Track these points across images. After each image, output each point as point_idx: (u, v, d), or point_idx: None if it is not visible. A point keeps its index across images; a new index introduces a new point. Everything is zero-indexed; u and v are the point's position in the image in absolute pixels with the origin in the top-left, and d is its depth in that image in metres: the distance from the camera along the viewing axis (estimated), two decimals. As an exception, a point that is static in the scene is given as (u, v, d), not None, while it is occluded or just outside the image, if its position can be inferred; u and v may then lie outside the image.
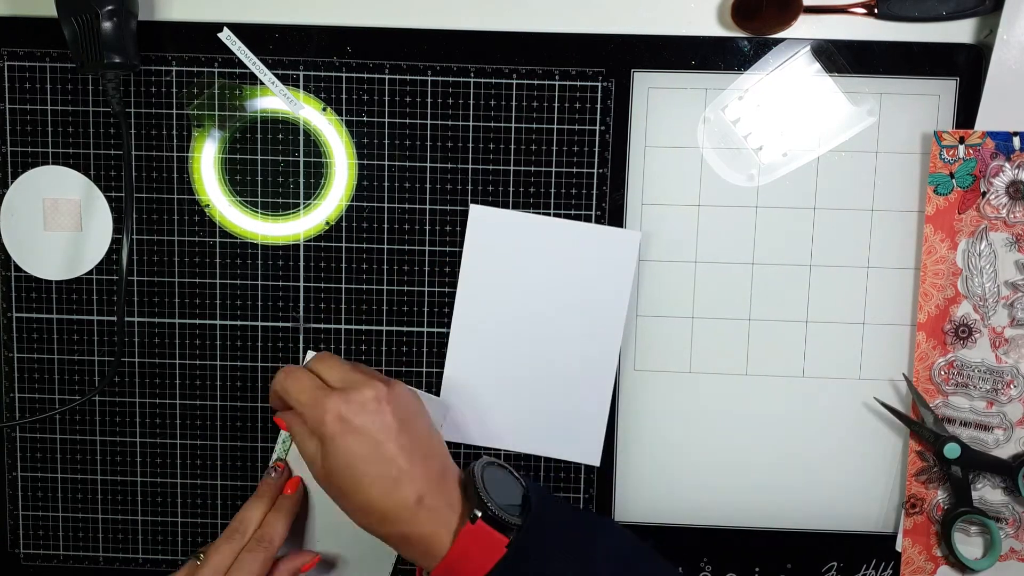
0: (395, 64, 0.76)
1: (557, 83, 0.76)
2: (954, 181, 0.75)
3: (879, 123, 0.76)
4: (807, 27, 0.75)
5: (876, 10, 0.75)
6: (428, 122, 0.77)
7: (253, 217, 0.78)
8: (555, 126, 0.77)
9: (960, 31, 0.75)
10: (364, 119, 0.77)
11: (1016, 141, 0.75)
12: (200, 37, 0.76)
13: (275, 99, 0.77)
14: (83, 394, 0.79)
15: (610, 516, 0.80)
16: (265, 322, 0.79)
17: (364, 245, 0.78)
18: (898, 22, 0.75)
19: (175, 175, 0.78)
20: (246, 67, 0.76)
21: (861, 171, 0.77)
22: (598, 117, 0.77)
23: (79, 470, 0.81)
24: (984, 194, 0.75)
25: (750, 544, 0.80)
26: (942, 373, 0.77)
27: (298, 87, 0.77)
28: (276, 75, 0.76)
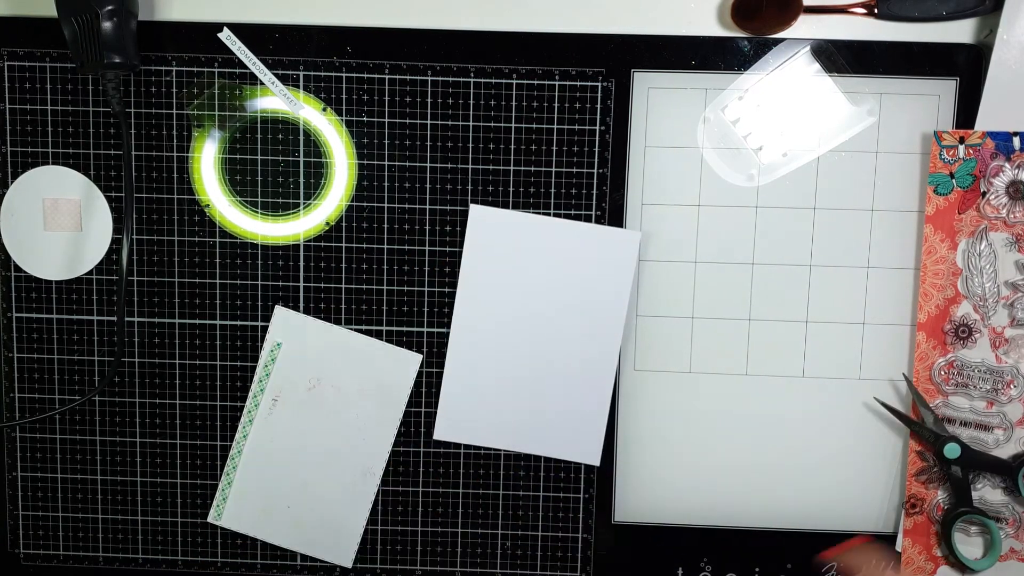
0: (395, 64, 0.76)
1: (557, 83, 0.76)
2: (954, 181, 0.75)
3: (879, 123, 0.76)
4: (807, 27, 0.75)
5: (876, 10, 0.75)
6: (428, 122, 0.77)
7: (253, 217, 0.78)
8: (555, 126, 0.77)
9: (960, 31, 0.75)
10: (364, 119, 0.77)
11: (1016, 141, 0.74)
12: (200, 37, 0.76)
13: (275, 99, 0.77)
14: (83, 394, 0.79)
15: (610, 516, 0.80)
16: (265, 322, 0.79)
17: (364, 245, 0.78)
18: (898, 22, 0.75)
19: (175, 175, 0.78)
20: (246, 67, 0.76)
21: (861, 171, 0.77)
22: (598, 117, 0.77)
23: (79, 470, 0.81)
24: (984, 194, 0.75)
25: (750, 544, 0.80)
26: (942, 373, 0.77)
27: (298, 87, 0.77)
28: (276, 75, 0.76)
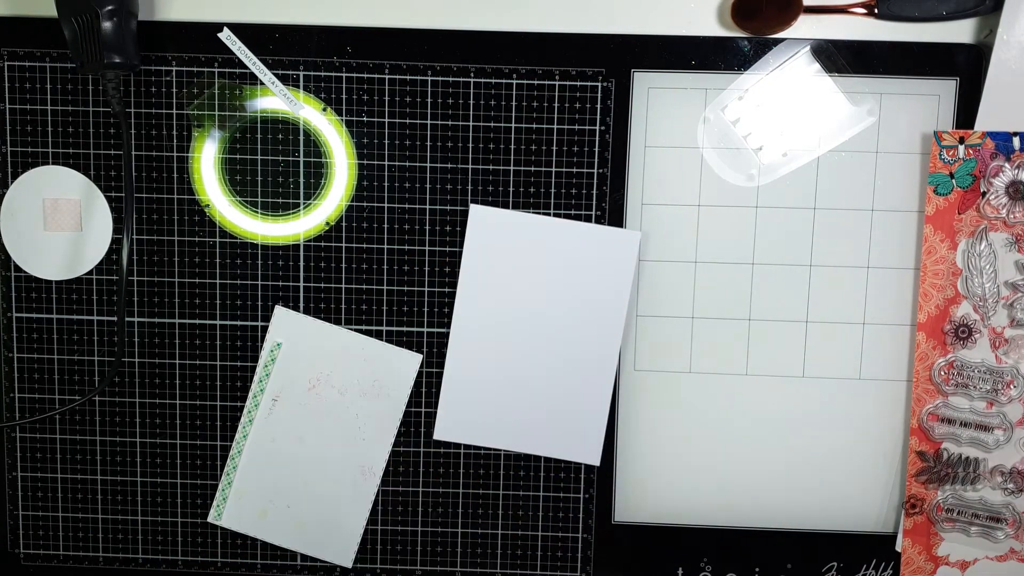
0: (395, 64, 0.76)
1: (557, 83, 0.76)
2: (954, 181, 0.75)
3: (879, 123, 0.76)
4: (807, 27, 0.75)
5: (876, 10, 0.75)
6: (428, 122, 0.77)
7: (253, 217, 0.78)
8: (555, 126, 0.77)
9: (960, 31, 0.75)
10: (364, 119, 0.77)
11: (1016, 141, 0.74)
12: (200, 37, 0.76)
13: (275, 99, 0.77)
14: (83, 394, 0.79)
15: (610, 516, 0.80)
16: (265, 322, 0.79)
17: (364, 245, 0.78)
18: (898, 22, 0.75)
19: (175, 175, 0.78)
20: (246, 67, 0.76)
21: (861, 171, 0.77)
22: (598, 117, 0.76)
23: (79, 470, 0.81)
24: (984, 194, 0.75)
25: (750, 544, 0.80)
26: (942, 373, 0.77)
27: (298, 87, 0.77)
28: (276, 75, 0.76)
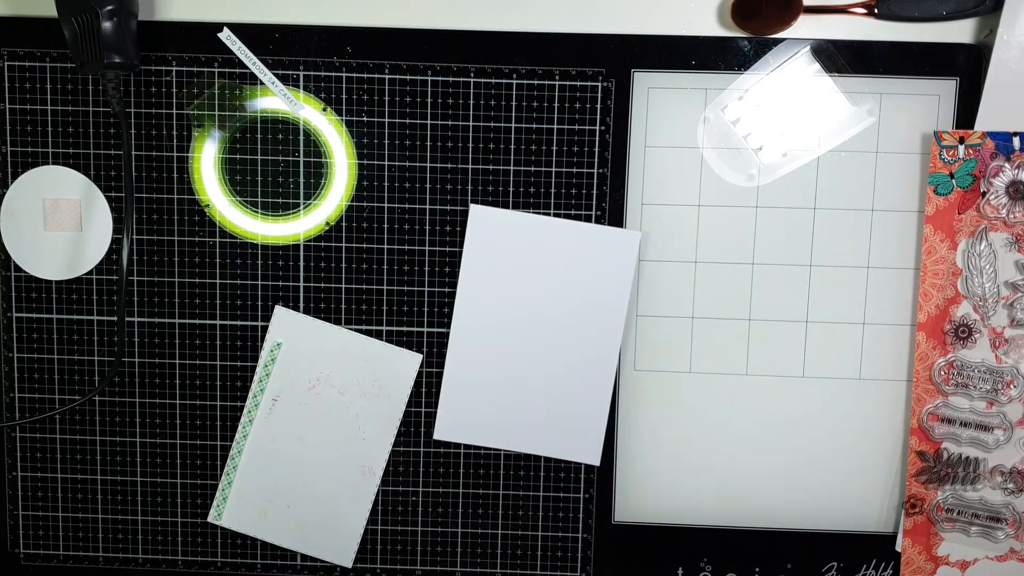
0: (395, 64, 0.76)
1: (557, 83, 0.76)
2: (954, 181, 0.75)
3: (879, 123, 0.76)
4: (807, 27, 0.75)
5: (876, 10, 0.75)
6: (428, 122, 0.77)
7: (253, 217, 0.78)
8: (555, 126, 0.77)
9: (960, 31, 0.75)
10: (364, 119, 0.77)
11: (1016, 141, 0.74)
12: (200, 37, 0.76)
13: (275, 99, 0.77)
14: (83, 394, 0.79)
15: (610, 516, 0.80)
16: (265, 322, 0.79)
17: (364, 245, 0.78)
18: (898, 22, 0.75)
19: (175, 175, 0.78)
20: (246, 67, 0.76)
21: (861, 171, 0.77)
22: (598, 117, 0.77)
23: (79, 470, 0.81)
24: (984, 194, 0.75)
25: (750, 544, 0.80)
26: (942, 373, 0.77)
27: (298, 87, 0.77)
28: (276, 75, 0.76)
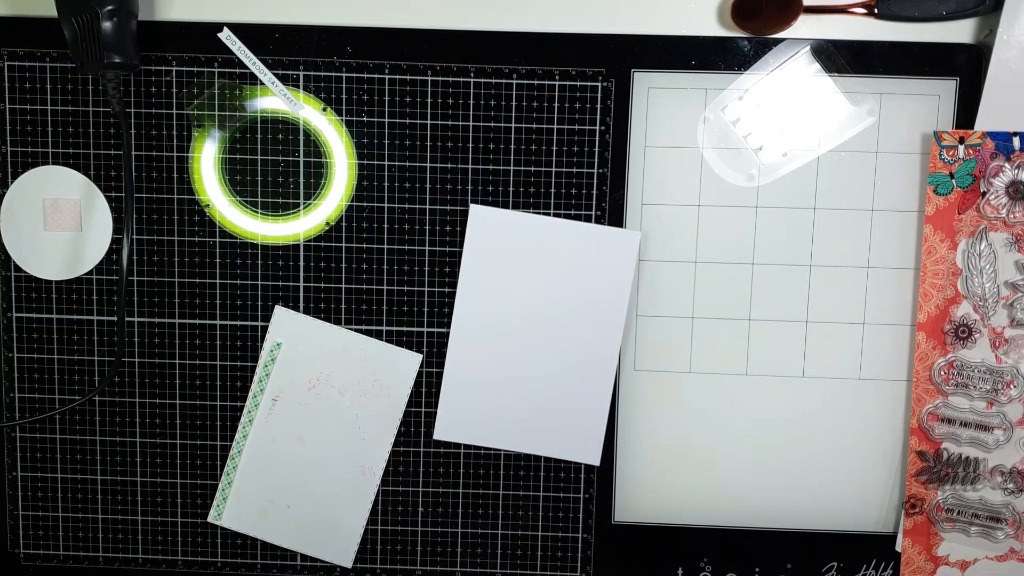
0: (395, 64, 0.76)
1: (557, 83, 0.76)
2: (954, 181, 0.75)
3: (879, 123, 0.76)
4: (807, 27, 0.75)
5: (876, 10, 0.75)
6: (428, 122, 0.77)
7: (253, 217, 0.78)
8: (555, 126, 0.77)
9: (960, 31, 0.75)
10: (364, 119, 0.77)
11: (1016, 141, 0.74)
12: (200, 37, 0.76)
13: (275, 99, 0.77)
14: (83, 394, 0.79)
15: (610, 516, 0.80)
16: (265, 322, 0.79)
17: (364, 245, 0.78)
18: (898, 22, 0.75)
19: (175, 175, 0.78)
20: (246, 67, 0.76)
21: (861, 171, 0.77)
22: (598, 117, 0.76)
23: (79, 470, 0.81)
24: (984, 194, 0.75)
25: (750, 544, 0.80)
26: (942, 373, 0.77)
27: (298, 87, 0.77)
28: (276, 75, 0.76)
